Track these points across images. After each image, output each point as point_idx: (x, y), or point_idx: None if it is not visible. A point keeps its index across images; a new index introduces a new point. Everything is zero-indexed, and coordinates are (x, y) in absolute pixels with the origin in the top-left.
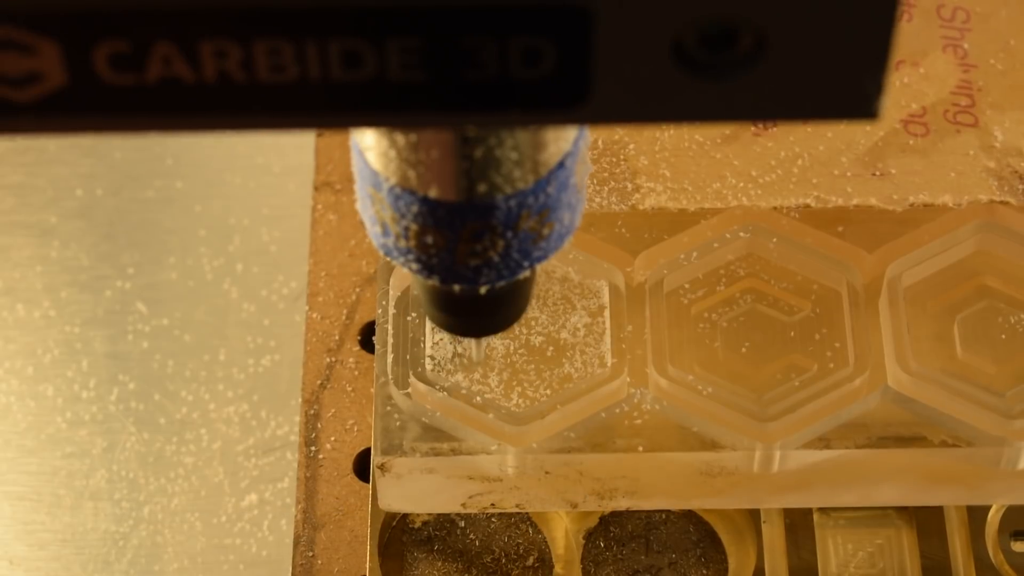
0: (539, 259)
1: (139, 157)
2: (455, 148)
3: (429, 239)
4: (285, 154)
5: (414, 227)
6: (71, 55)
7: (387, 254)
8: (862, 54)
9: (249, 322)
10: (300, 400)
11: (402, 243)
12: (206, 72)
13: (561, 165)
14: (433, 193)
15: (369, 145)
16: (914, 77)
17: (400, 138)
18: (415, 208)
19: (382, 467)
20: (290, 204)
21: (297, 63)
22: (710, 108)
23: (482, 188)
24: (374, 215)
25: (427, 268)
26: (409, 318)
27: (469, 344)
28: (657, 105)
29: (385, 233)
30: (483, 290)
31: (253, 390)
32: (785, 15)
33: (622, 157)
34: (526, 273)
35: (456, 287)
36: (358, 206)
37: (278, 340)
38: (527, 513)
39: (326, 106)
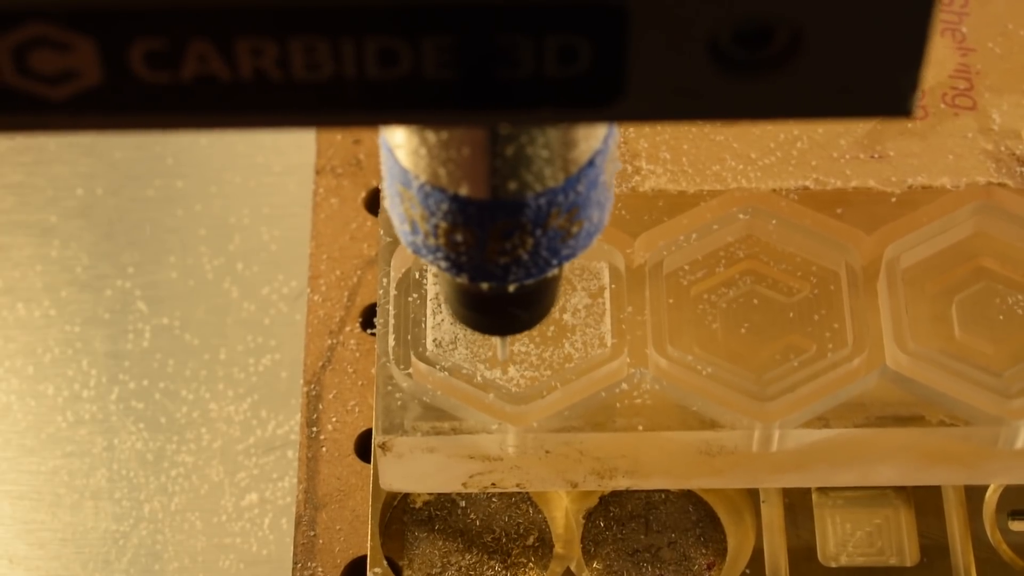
0: (568, 257)
1: (139, 156)
2: (486, 146)
3: (458, 237)
4: (285, 153)
5: (444, 225)
6: (107, 53)
7: (415, 252)
8: (898, 51)
9: (249, 321)
10: (301, 388)
11: (431, 241)
12: (242, 70)
13: (591, 163)
14: (463, 191)
15: (399, 143)
16: None
17: (431, 136)
18: (445, 206)
19: (383, 446)
20: (290, 203)
21: (333, 61)
22: (745, 106)
23: (512, 186)
24: (403, 213)
25: (456, 266)
26: (410, 299)
27: (495, 342)
28: (692, 103)
29: (414, 231)
30: (511, 288)
31: (253, 389)
32: (821, 12)
33: (622, 139)
34: (554, 271)
35: (484, 285)
36: (386, 203)
37: (278, 339)
38: (527, 493)
39: (360, 104)
